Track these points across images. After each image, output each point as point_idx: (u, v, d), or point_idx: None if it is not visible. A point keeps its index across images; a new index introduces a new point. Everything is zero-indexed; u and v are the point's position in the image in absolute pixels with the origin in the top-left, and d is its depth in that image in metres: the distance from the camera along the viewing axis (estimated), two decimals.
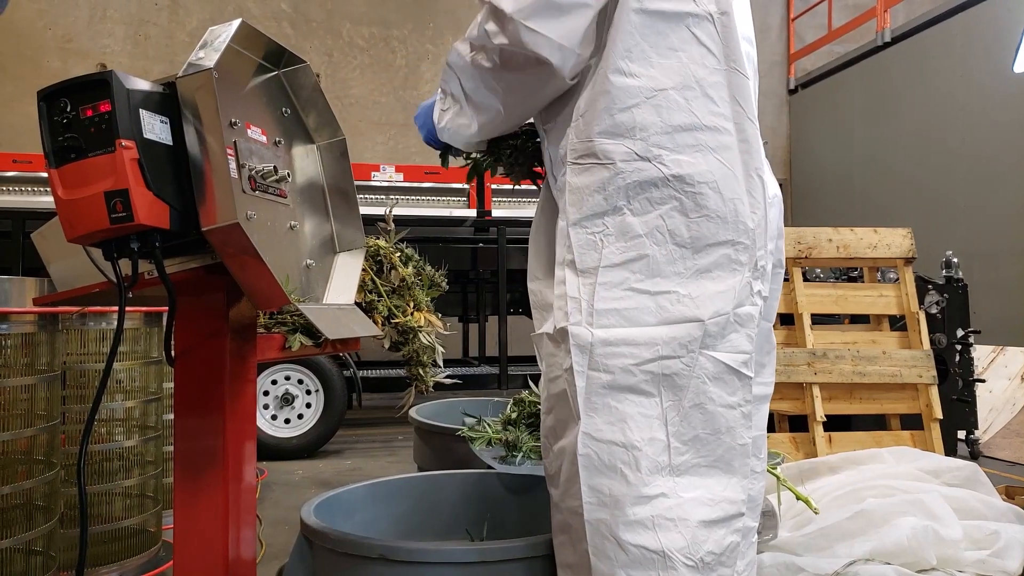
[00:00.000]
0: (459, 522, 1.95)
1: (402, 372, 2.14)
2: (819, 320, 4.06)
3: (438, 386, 2.09)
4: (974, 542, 2.37)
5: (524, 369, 5.83)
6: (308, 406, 5.03)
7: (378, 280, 2.00)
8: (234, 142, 1.32)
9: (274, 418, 4.98)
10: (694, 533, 1.28)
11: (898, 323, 3.97)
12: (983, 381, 4.54)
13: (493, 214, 6.30)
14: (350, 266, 1.71)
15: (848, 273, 4.71)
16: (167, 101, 1.28)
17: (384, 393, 5.84)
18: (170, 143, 1.27)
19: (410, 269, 2.04)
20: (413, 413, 2.95)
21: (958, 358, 4.36)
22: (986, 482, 2.71)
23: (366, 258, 1.91)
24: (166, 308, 1.34)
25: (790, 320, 3.88)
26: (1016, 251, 6.11)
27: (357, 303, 1.80)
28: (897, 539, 2.26)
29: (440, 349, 2.04)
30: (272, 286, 1.32)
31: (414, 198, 6.26)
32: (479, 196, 6.24)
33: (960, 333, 4.38)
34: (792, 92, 9.38)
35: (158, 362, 2.80)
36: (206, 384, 1.45)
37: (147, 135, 1.22)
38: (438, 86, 1.49)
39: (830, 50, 8.82)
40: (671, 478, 1.29)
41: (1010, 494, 2.97)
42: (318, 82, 1.64)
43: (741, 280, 1.33)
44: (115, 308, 2.29)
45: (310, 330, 1.64)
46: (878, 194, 7.74)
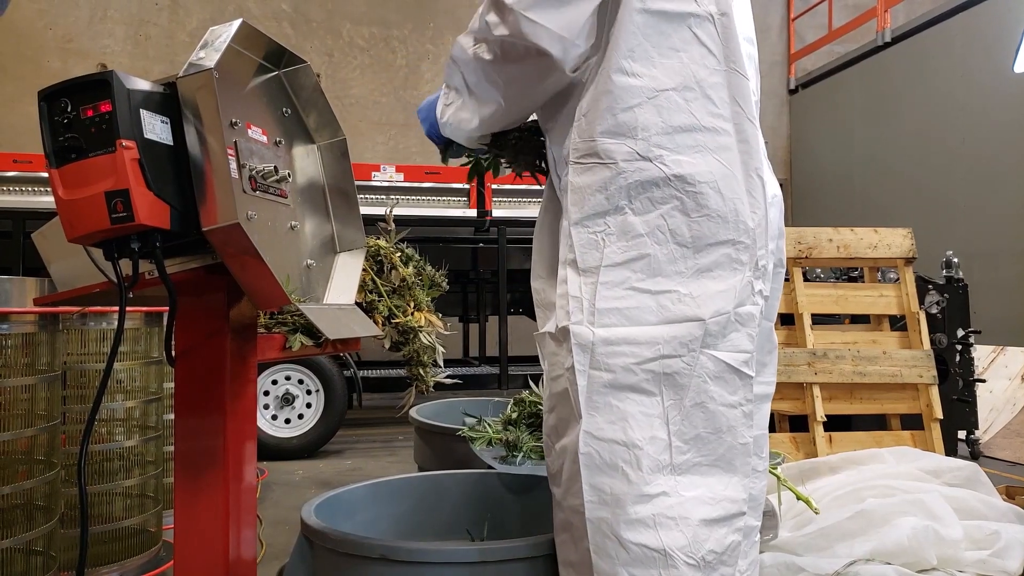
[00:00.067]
0: (459, 522, 1.95)
1: (402, 372, 2.14)
2: (819, 320, 4.06)
3: (438, 386, 2.09)
4: (974, 542, 2.36)
5: (524, 369, 5.83)
6: (308, 406, 5.03)
7: (378, 280, 2.00)
8: (235, 142, 1.32)
9: (274, 418, 4.98)
10: (695, 532, 1.28)
11: (898, 323, 3.97)
12: (983, 381, 4.54)
13: (493, 214, 6.30)
14: (350, 266, 1.71)
15: (848, 273, 4.71)
16: (168, 101, 1.28)
17: (384, 393, 5.85)
18: (171, 143, 1.27)
19: (410, 269, 2.04)
20: (413, 413, 2.95)
21: (958, 358, 4.36)
22: (986, 482, 2.71)
23: (366, 258, 1.91)
24: (167, 308, 1.34)
25: (790, 320, 3.88)
26: (1016, 251, 6.11)
27: (357, 303, 1.80)
28: (897, 539, 2.26)
29: (440, 349, 2.04)
30: (273, 286, 1.32)
31: (414, 198, 6.26)
32: (479, 196, 6.24)
33: (960, 333, 4.38)
34: (792, 92, 9.38)
35: (158, 362, 2.80)
36: (206, 384, 1.45)
37: (148, 135, 1.22)
38: (443, 81, 1.50)
39: (830, 50, 8.82)
40: (672, 477, 1.29)
41: (1010, 494, 2.97)
42: (318, 82, 1.64)
43: (742, 279, 1.33)
44: (116, 308, 2.29)
45: (311, 330, 1.64)
46: (878, 194, 7.74)
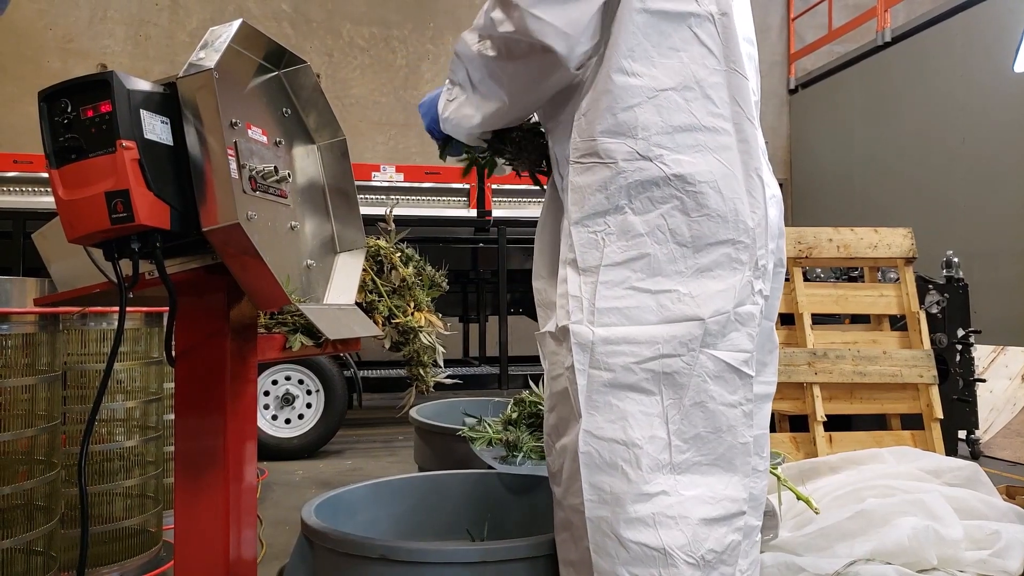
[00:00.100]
0: (460, 522, 1.95)
1: (402, 372, 2.14)
2: (820, 320, 4.06)
3: (439, 386, 2.09)
4: (975, 542, 2.36)
5: (524, 369, 5.83)
6: (309, 406, 5.03)
7: (379, 280, 2.00)
8: (235, 142, 1.32)
9: (275, 418, 4.98)
10: (695, 531, 1.28)
11: (899, 323, 3.97)
12: (984, 381, 4.53)
13: (493, 214, 6.30)
14: (351, 266, 1.71)
15: (848, 273, 4.71)
16: (168, 101, 1.28)
17: (385, 393, 5.85)
18: (171, 143, 1.27)
19: (410, 269, 2.04)
20: (414, 413, 2.95)
21: (959, 358, 4.36)
22: (987, 482, 2.71)
23: (367, 258, 1.92)
24: (167, 308, 1.34)
25: (791, 320, 3.88)
26: (1016, 251, 6.11)
27: (358, 303, 1.80)
28: (898, 539, 2.26)
29: (440, 349, 2.04)
30: (273, 286, 1.32)
31: (414, 198, 6.26)
32: (479, 196, 6.25)
33: (961, 333, 4.37)
34: (792, 92, 9.38)
35: (159, 362, 2.80)
36: (207, 384, 1.45)
37: (148, 135, 1.22)
38: (447, 76, 1.49)
39: (830, 50, 8.82)
40: (672, 476, 1.29)
41: (1011, 494, 2.97)
42: (318, 82, 1.64)
43: (742, 279, 1.33)
44: (116, 308, 2.29)
45: (311, 330, 1.64)
46: (878, 194, 7.74)
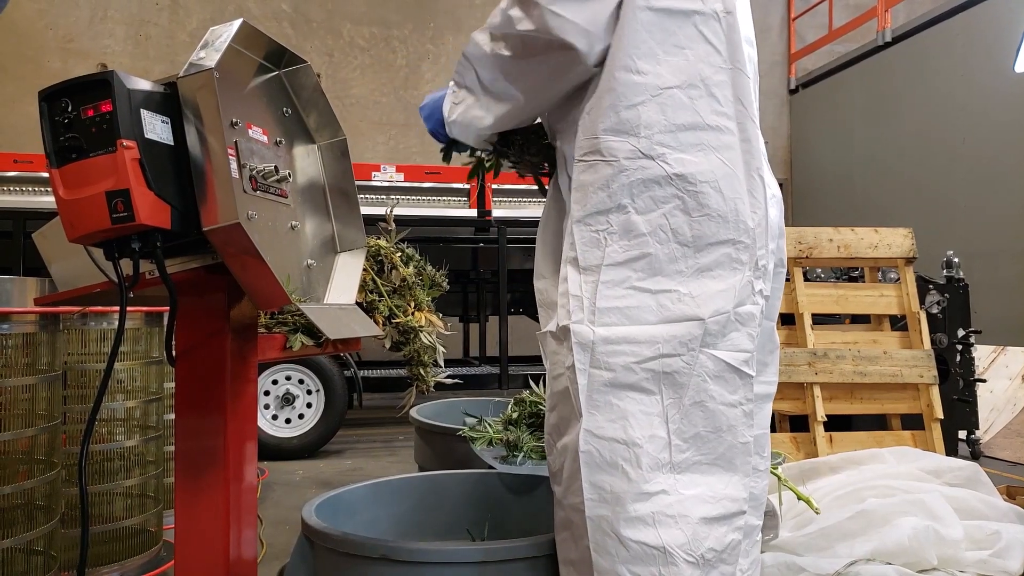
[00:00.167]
0: (460, 522, 1.95)
1: (403, 372, 2.14)
2: (820, 320, 4.05)
3: (439, 386, 2.09)
4: (975, 542, 2.36)
5: (524, 369, 5.83)
6: (309, 406, 5.03)
7: (379, 280, 2.00)
8: (235, 142, 1.32)
9: (275, 418, 4.98)
10: (695, 530, 1.28)
11: (899, 323, 3.97)
12: (984, 381, 4.53)
13: (493, 214, 6.30)
14: (351, 266, 1.71)
15: (849, 273, 4.71)
16: (168, 101, 1.28)
17: (385, 393, 5.84)
18: (171, 143, 1.27)
19: (411, 269, 2.04)
20: (414, 413, 2.95)
21: (959, 358, 4.36)
22: (987, 482, 2.70)
23: (367, 258, 1.91)
24: (167, 308, 1.34)
25: (791, 320, 3.88)
26: (1016, 251, 6.11)
27: (358, 303, 1.80)
28: (898, 539, 2.26)
29: (441, 349, 2.04)
30: (273, 286, 1.32)
31: (415, 198, 6.27)
32: (480, 196, 6.25)
33: (961, 333, 4.37)
34: (793, 92, 9.37)
35: (159, 362, 2.80)
36: (207, 384, 1.45)
37: (148, 135, 1.22)
38: (451, 79, 1.48)
39: (831, 50, 8.81)
40: (672, 475, 1.29)
41: (1011, 494, 2.97)
42: (319, 82, 1.64)
43: (742, 279, 1.33)
44: (116, 308, 2.29)
45: (311, 330, 1.64)
46: (878, 194, 7.74)
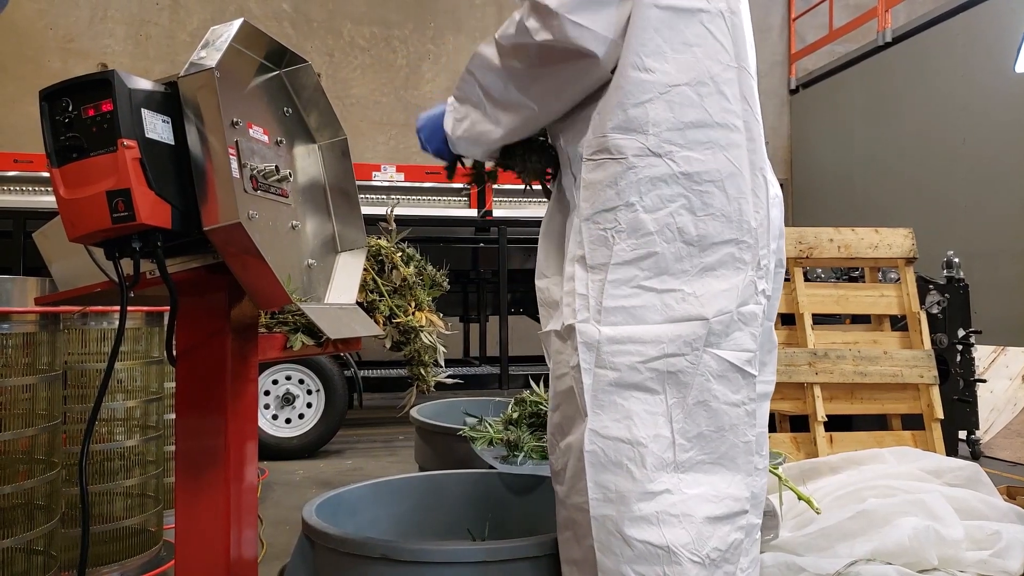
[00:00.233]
0: (460, 522, 1.95)
1: (403, 372, 2.14)
2: (820, 320, 4.05)
3: (439, 386, 2.09)
4: (975, 542, 2.36)
5: (525, 369, 5.83)
6: (309, 406, 5.03)
7: (379, 280, 2.00)
8: (236, 142, 1.32)
9: (275, 418, 4.98)
10: (699, 529, 1.28)
11: (899, 323, 3.97)
12: (984, 381, 4.53)
13: (494, 214, 6.30)
14: (352, 266, 1.71)
15: (849, 273, 4.71)
16: (169, 101, 1.28)
17: (385, 393, 5.84)
18: (172, 143, 1.27)
19: (411, 269, 2.04)
20: (414, 413, 2.95)
21: (959, 358, 4.36)
22: (987, 482, 2.70)
23: (367, 258, 1.91)
24: (168, 308, 1.34)
25: (791, 320, 3.88)
26: (1016, 251, 6.11)
27: (359, 303, 1.80)
28: (898, 539, 2.25)
29: (441, 349, 2.04)
30: (274, 286, 1.32)
31: (415, 198, 6.27)
32: (480, 196, 6.25)
33: (961, 333, 4.37)
34: (793, 92, 9.37)
35: (159, 362, 2.80)
36: (207, 384, 1.45)
37: (149, 135, 1.22)
38: (451, 95, 1.48)
39: (831, 50, 8.81)
40: (676, 475, 1.29)
41: (1011, 494, 2.97)
42: (319, 82, 1.63)
43: (745, 279, 1.33)
44: (117, 308, 2.29)
45: (312, 330, 1.64)
46: (879, 194, 7.74)
